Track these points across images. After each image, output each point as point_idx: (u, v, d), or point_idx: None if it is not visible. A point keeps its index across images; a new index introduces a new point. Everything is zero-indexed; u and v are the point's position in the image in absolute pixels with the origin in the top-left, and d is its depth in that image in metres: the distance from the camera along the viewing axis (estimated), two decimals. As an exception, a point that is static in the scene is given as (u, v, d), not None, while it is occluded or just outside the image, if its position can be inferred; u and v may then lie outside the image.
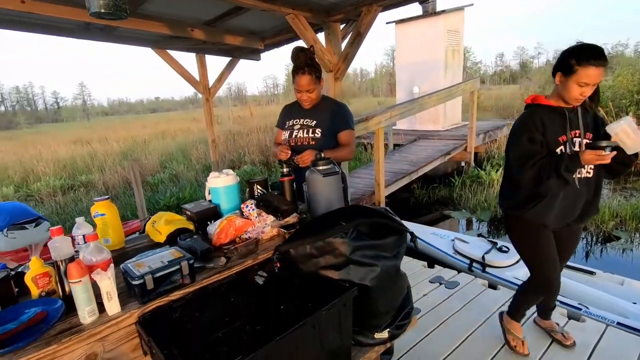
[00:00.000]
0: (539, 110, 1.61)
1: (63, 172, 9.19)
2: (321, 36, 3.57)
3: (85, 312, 1.02)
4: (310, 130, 2.07)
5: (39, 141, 16.08)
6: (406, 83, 9.41)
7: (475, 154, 7.27)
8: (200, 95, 5.12)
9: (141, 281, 1.08)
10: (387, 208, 1.34)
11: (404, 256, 3.22)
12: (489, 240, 3.48)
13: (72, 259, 1.09)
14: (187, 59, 5.02)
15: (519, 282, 2.83)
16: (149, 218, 1.78)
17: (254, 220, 1.54)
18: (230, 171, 1.83)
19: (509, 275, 2.96)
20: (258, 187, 1.93)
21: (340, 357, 1.17)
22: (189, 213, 1.71)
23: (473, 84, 7.00)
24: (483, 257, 3.18)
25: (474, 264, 3.20)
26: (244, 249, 1.40)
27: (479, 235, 3.77)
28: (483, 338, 2.15)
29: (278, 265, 1.21)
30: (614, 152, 1.41)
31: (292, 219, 1.62)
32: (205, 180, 1.85)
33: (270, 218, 1.57)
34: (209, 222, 1.61)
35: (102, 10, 1.25)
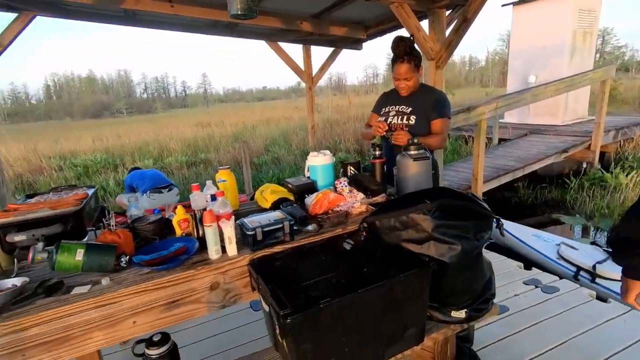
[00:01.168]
0: None
1: (187, 150, 10.76)
2: (425, 23, 3.53)
3: (213, 251, 1.32)
4: (405, 117, 2.14)
5: (171, 123, 18.94)
6: (521, 71, 8.50)
7: (602, 153, 6.30)
8: (302, 85, 5.50)
9: (253, 232, 1.34)
10: (474, 193, 1.36)
11: (497, 254, 3.12)
12: (604, 250, 3.08)
13: (204, 210, 1.40)
14: (294, 50, 5.42)
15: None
16: (253, 194, 2.09)
17: (345, 196, 1.70)
18: (327, 152, 2.03)
19: (625, 290, 2.60)
20: (351, 168, 2.08)
21: (416, 325, 1.27)
22: (290, 186, 1.96)
23: (605, 72, 6.01)
24: (594, 267, 2.84)
25: (582, 273, 2.89)
26: (335, 219, 1.58)
27: (593, 243, 3.34)
28: (579, 348, 1.99)
29: (364, 234, 1.36)
30: None
31: (380, 198, 1.74)
32: (303, 164, 2.08)
33: (360, 195, 1.72)
34: (306, 195, 1.83)
35: (240, 12, 1.53)
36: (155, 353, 1.38)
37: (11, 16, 3.48)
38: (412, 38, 2.08)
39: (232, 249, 1.34)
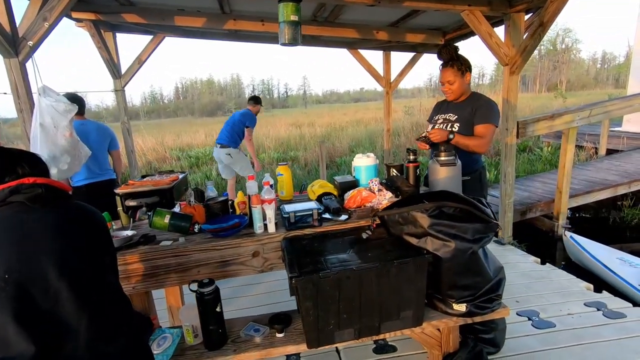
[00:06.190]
0: None
1: (280, 147, 11.79)
2: (501, 29, 3.45)
3: (257, 227, 1.70)
4: (450, 124, 2.25)
5: (270, 122, 20.67)
6: (648, 71, 7.26)
7: None
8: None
9: (287, 215, 1.69)
10: (482, 200, 1.47)
11: (566, 272, 2.93)
12: None
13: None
14: (375, 56, 5.65)
15: None
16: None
17: (375, 194, 1.93)
18: (372, 154, 2.27)
19: None
20: (393, 170, 2.29)
21: (412, 308, 1.46)
22: (336, 183, 2.26)
23: None
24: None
25: (665, 304, 2.55)
26: (361, 213, 1.83)
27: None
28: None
29: (374, 226, 1.59)
30: None
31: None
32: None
33: (389, 194, 1.92)
34: (348, 191, 2.11)
35: (286, 42, 1.94)
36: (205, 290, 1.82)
37: (147, 38, 4.49)
38: (456, 46, 2.20)
39: (271, 227, 1.70)
